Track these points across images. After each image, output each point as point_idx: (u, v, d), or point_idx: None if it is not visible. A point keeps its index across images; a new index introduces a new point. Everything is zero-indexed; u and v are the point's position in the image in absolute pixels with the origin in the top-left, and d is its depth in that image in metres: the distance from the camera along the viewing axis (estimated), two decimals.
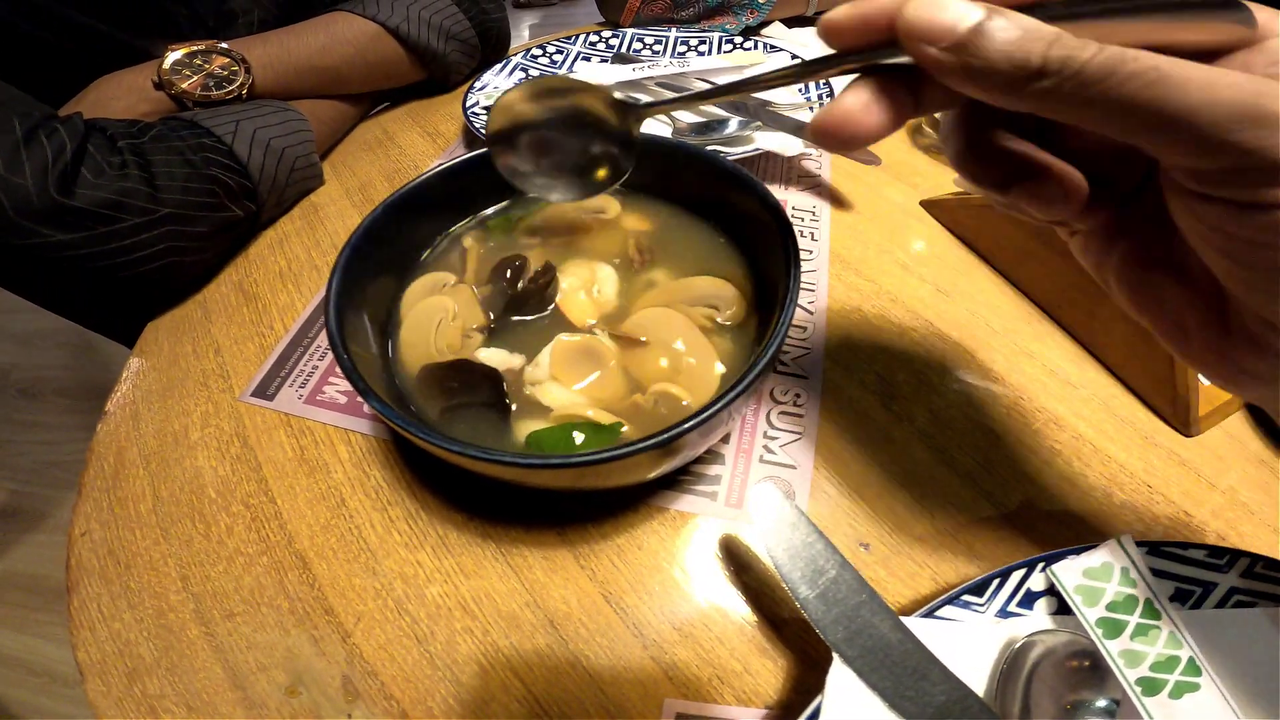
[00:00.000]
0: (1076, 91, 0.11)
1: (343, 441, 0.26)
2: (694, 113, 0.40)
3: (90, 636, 0.21)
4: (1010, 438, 0.24)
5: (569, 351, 0.22)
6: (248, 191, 0.33)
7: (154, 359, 0.30)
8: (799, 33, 0.51)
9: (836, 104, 0.13)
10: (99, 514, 0.24)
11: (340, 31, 0.39)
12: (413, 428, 0.17)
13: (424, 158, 0.40)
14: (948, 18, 0.11)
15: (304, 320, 0.30)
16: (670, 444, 0.17)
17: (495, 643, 0.20)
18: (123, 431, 0.27)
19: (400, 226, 0.25)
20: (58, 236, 0.26)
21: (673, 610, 0.21)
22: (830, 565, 0.17)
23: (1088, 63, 0.10)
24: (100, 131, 0.29)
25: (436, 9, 0.42)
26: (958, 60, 0.11)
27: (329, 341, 0.19)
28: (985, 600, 0.19)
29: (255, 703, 0.19)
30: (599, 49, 0.47)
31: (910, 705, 0.16)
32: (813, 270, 0.31)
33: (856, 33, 0.13)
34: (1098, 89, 0.11)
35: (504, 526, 0.23)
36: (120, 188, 0.27)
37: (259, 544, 0.23)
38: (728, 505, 0.23)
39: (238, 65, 0.35)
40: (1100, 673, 0.17)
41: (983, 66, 0.11)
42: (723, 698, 0.19)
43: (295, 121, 0.36)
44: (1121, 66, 0.10)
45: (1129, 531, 0.21)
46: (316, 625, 0.21)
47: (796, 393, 0.26)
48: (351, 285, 0.22)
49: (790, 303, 0.19)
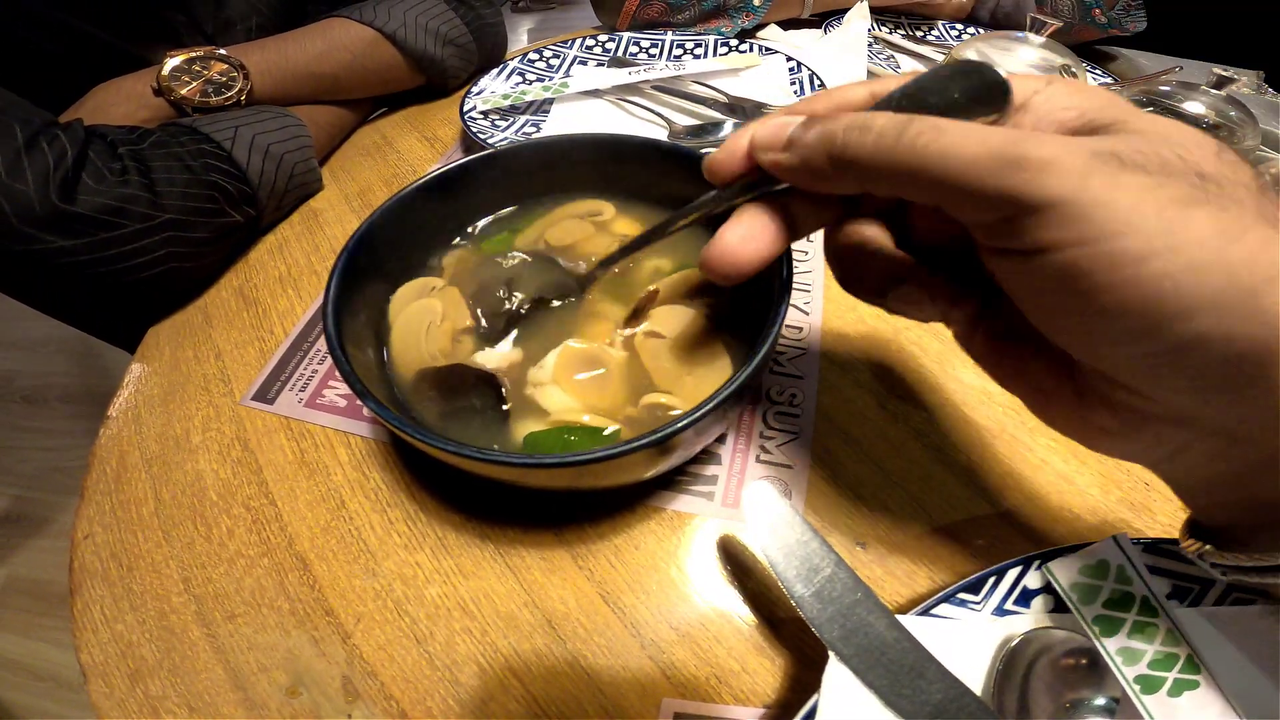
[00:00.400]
0: (876, 156, 0.13)
1: (342, 444, 0.26)
2: (689, 115, 0.40)
3: (93, 638, 0.21)
4: (1006, 435, 0.25)
5: (575, 358, 0.23)
6: (247, 197, 0.33)
7: (156, 364, 0.30)
8: (794, 35, 0.51)
9: (716, 240, 0.16)
10: (101, 517, 0.25)
11: (338, 38, 0.39)
12: (409, 429, 0.17)
13: (422, 162, 0.40)
14: (779, 130, 0.15)
15: (304, 325, 0.31)
16: (665, 442, 0.17)
17: (494, 643, 0.20)
18: (125, 435, 0.27)
19: (398, 231, 0.25)
20: (60, 242, 0.27)
21: (670, 610, 0.21)
22: (825, 563, 0.17)
23: (880, 127, 0.13)
24: (100, 138, 0.29)
25: (433, 15, 0.42)
26: (791, 157, 0.14)
27: (327, 345, 0.20)
28: (981, 598, 0.19)
29: (256, 703, 0.19)
30: (595, 53, 0.48)
31: (907, 703, 0.16)
32: (808, 271, 0.31)
33: (730, 167, 0.16)
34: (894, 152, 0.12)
35: (502, 527, 0.23)
36: (121, 194, 0.28)
37: (260, 546, 0.23)
38: (724, 505, 0.23)
39: (236, 71, 0.36)
40: (1098, 671, 0.17)
41: (807, 153, 0.14)
42: (720, 697, 0.19)
43: (294, 127, 0.36)
44: (908, 126, 0.12)
45: (1126, 529, 0.21)
46: (317, 626, 0.21)
47: (793, 393, 0.26)
48: (349, 290, 0.22)
49: (784, 300, 0.19)
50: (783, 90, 0.42)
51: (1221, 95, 0.30)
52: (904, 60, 0.49)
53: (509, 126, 0.40)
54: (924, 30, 0.54)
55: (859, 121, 0.13)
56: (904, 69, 0.47)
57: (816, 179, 0.14)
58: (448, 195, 0.26)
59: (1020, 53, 0.35)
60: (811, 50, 0.48)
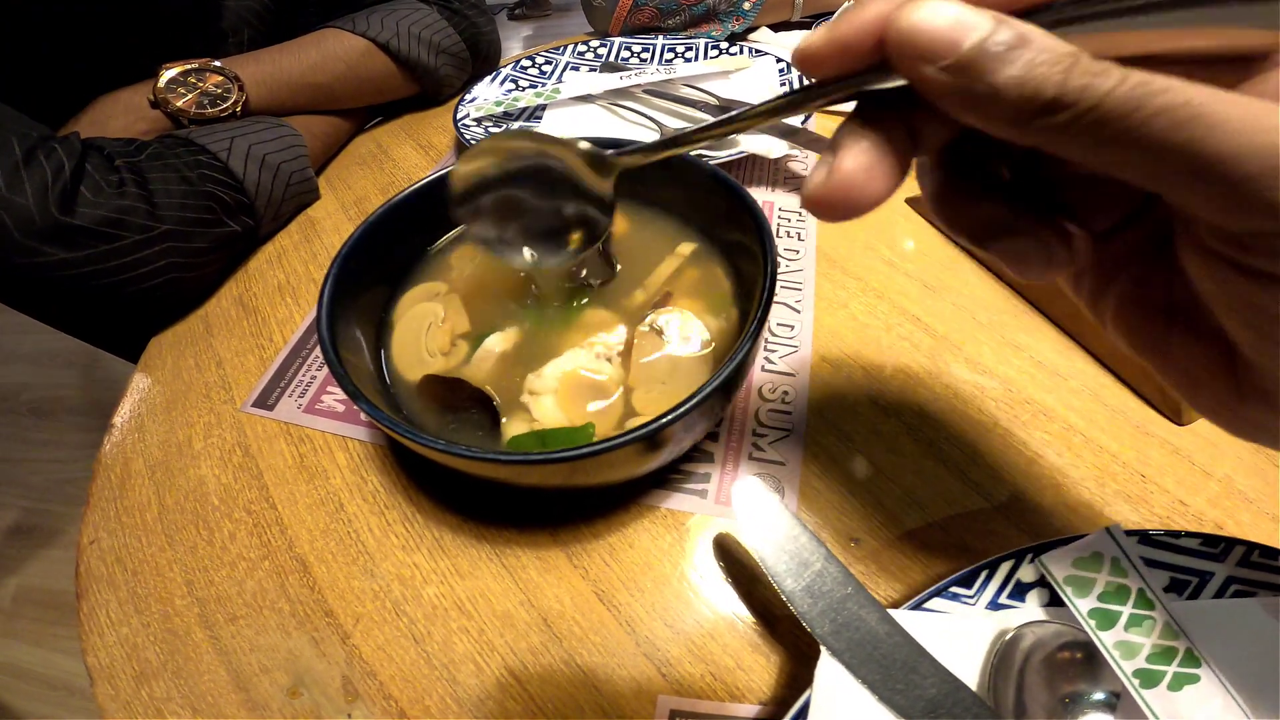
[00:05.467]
0: (1094, 128, 0.09)
1: (341, 448, 0.26)
2: (678, 119, 0.41)
3: (99, 642, 0.22)
4: (999, 430, 0.24)
5: (578, 385, 0.22)
6: (244, 207, 0.33)
7: (158, 373, 0.31)
8: (785, 36, 0.51)
9: (835, 171, 0.11)
10: (106, 523, 0.25)
11: (331, 48, 0.40)
12: (402, 429, 0.18)
13: (417, 170, 0.41)
14: (949, 31, 0.09)
15: (302, 332, 0.31)
16: (654, 436, 0.17)
17: (491, 642, 0.20)
18: (129, 443, 0.28)
19: (389, 239, 0.25)
20: (61, 255, 0.27)
21: (665, 607, 0.21)
22: (815, 558, 0.17)
23: (1109, 94, 0.09)
24: (98, 150, 0.30)
25: (426, 24, 0.43)
26: (960, 83, 0.10)
27: (321, 349, 0.20)
28: (974, 592, 0.18)
29: (258, 704, 0.20)
30: (587, 58, 0.48)
31: (901, 699, 0.16)
32: (800, 270, 0.31)
33: (836, 61, 0.11)
34: (1120, 126, 0.09)
35: (498, 528, 0.23)
36: (119, 205, 0.28)
37: (261, 549, 0.23)
38: (717, 503, 0.23)
39: (231, 83, 0.36)
40: (1095, 664, 0.16)
41: (988, 93, 0.09)
42: (716, 694, 0.19)
43: (289, 137, 0.36)
44: (1149, 100, 0.09)
45: (1123, 522, 0.21)
46: (317, 627, 0.21)
47: (785, 390, 0.26)
48: (343, 297, 0.22)
49: (769, 280, 0.19)
50: (773, 92, 0.42)
51: None
52: None
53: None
54: None
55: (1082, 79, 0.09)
56: None
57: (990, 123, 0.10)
58: (438, 202, 0.26)
59: None
60: None
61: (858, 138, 0.11)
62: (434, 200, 0.26)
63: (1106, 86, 0.09)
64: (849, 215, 0.11)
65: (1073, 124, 0.09)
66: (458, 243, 0.28)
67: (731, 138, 0.37)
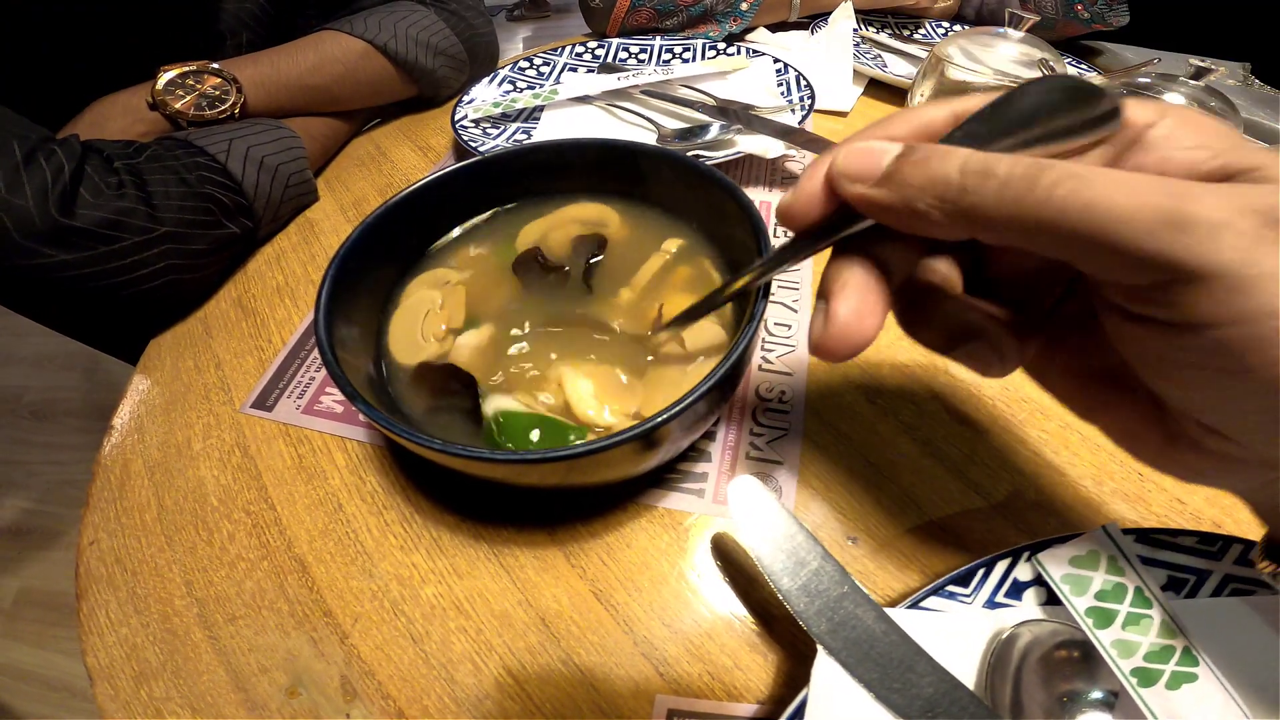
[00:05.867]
0: (1003, 207, 0.11)
1: (339, 449, 0.26)
2: (677, 119, 0.41)
3: (99, 642, 0.22)
4: (997, 428, 0.25)
5: (614, 386, 0.22)
6: (243, 208, 0.33)
7: (157, 374, 0.31)
8: (782, 36, 0.51)
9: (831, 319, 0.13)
10: (106, 524, 0.25)
11: (329, 50, 0.40)
12: (399, 429, 0.18)
13: (416, 171, 0.41)
14: (870, 158, 0.12)
15: (301, 333, 0.31)
16: (651, 435, 0.17)
17: (489, 641, 0.20)
18: (128, 444, 0.28)
19: (387, 240, 0.25)
20: (60, 256, 0.27)
21: (663, 607, 0.21)
22: (812, 557, 0.17)
23: (1008, 173, 0.11)
24: (96, 152, 0.30)
25: (424, 26, 0.43)
26: (889, 194, 0.12)
27: (319, 351, 0.20)
28: (971, 591, 0.19)
29: (257, 704, 0.20)
30: (585, 59, 0.48)
31: (898, 698, 0.16)
32: (797, 269, 0.31)
33: (809, 210, 0.14)
34: (1026, 203, 0.11)
35: (495, 527, 0.23)
36: (118, 207, 0.28)
37: (259, 549, 0.23)
38: (715, 502, 0.23)
39: (229, 85, 0.36)
40: (1092, 663, 0.16)
41: (912, 194, 0.12)
42: (713, 693, 0.19)
43: (288, 139, 0.36)
44: (1042, 174, 0.10)
45: (1121, 520, 0.21)
46: (315, 627, 0.21)
47: (782, 390, 0.26)
48: (340, 298, 0.22)
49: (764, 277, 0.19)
50: (770, 92, 0.42)
51: (1200, 86, 0.30)
52: (891, 60, 0.49)
53: (500, 134, 0.41)
54: (911, 29, 0.54)
55: (978, 165, 0.11)
56: (890, 68, 0.47)
57: (918, 223, 0.12)
58: (433, 203, 0.27)
59: (1000, 48, 0.35)
60: (798, 52, 0.49)
61: (842, 283, 0.13)
62: (432, 201, 0.26)
63: (1002, 168, 0.11)
64: (850, 355, 0.13)
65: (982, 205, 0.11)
66: (458, 243, 0.28)
67: (730, 138, 0.37)
